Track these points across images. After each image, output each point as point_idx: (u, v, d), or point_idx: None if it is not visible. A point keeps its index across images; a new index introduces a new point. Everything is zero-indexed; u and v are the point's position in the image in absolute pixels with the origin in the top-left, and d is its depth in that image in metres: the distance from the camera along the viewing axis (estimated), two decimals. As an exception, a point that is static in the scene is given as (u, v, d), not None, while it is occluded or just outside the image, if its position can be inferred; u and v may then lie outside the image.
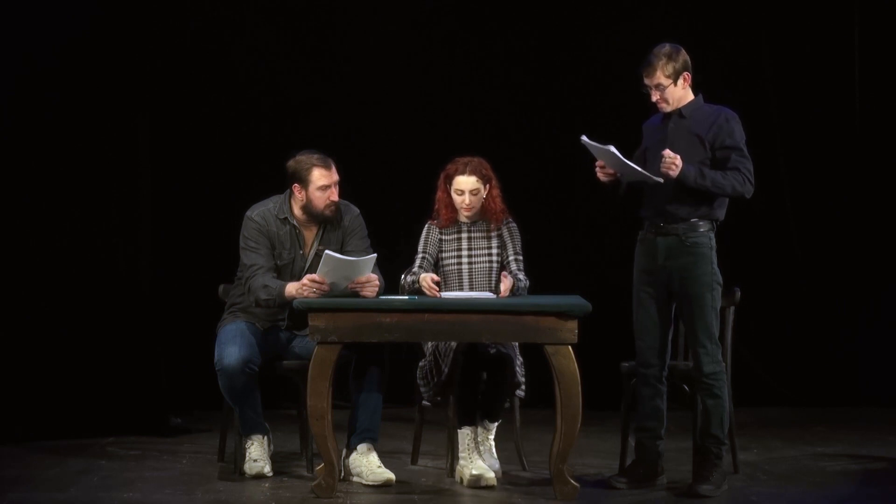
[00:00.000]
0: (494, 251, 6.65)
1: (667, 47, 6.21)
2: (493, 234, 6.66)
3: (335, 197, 6.49)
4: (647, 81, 6.20)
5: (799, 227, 9.06)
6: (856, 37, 8.99)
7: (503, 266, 6.62)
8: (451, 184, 6.58)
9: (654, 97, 6.22)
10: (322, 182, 6.44)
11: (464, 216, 6.63)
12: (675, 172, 6.06)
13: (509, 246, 6.65)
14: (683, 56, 6.21)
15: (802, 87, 9.03)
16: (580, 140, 6.13)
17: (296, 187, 6.47)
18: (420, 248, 6.67)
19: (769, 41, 8.98)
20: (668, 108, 6.24)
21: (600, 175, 6.28)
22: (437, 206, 6.67)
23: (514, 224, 6.70)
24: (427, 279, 6.35)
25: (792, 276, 9.07)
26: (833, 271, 9.06)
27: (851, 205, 9.03)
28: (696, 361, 6.18)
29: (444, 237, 6.66)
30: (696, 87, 6.27)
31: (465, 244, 6.65)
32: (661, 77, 6.17)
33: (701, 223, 6.19)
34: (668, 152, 6.07)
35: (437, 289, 6.36)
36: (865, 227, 9.03)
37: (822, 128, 9.03)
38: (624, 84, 8.80)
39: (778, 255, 9.06)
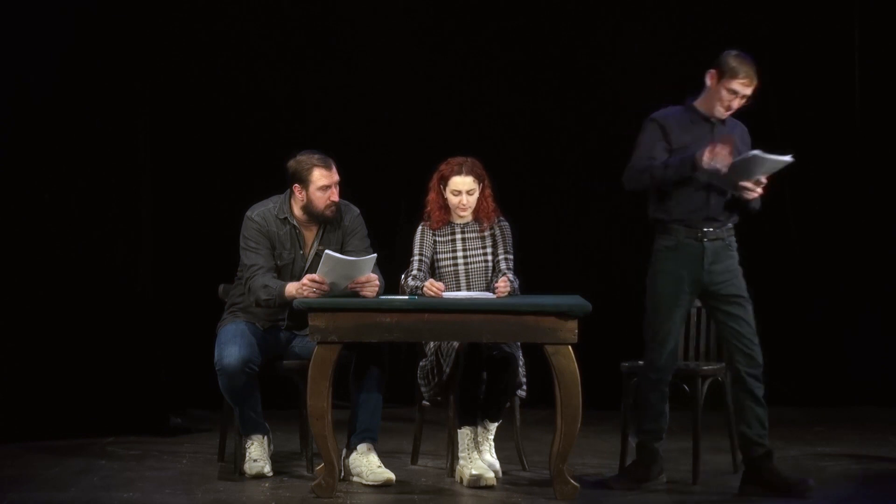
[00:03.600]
0: (489, 250, 6.65)
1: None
2: (486, 233, 6.66)
3: (335, 197, 6.49)
4: (744, 88, 6.05)
5: (799, 227, 9.06)
6: (856, 37, 8.99)
7: (496, 265, 6.64)
8: (446, 185, 6.57)
9: (735, 104, 6.10)
10: (322, 182, 6.44)
11: (460, 216, 6.62)
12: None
13: (500, 245, 6.65)
14: None
15: (802, 87, 9.03)
16: (756, 155, 5.96)
17: (296, 187, 6.47)
18: (416, 250, 6.66)
19: (769, 41, 8.97)
20: (726, 115, 6.16)
21: (717, 161, 5.95)
22: (428, 208, 6.66)
23: (506, 223, 6.70)
24: (433, 288, 6.35)
25: (792, 276, 9.07)
26: (833, 271, 9.05)
27: (851, 205, 9.03)
28: (753, 357, 6.10)
29: (438, 238, 6.66)
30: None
31: (459, 245, 6.65)
32: (755, 87, 6.07)
33: (731, 224, 6.24)
34: (755, 181, 6.04)
35: (441, 290, 6.36)
36: (865, 227, 9.03)
37: (822, 128, 9.03)
38: (624, 84, 8.85)
39: (778, 255, 9.06)
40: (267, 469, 6.47)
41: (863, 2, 8.98)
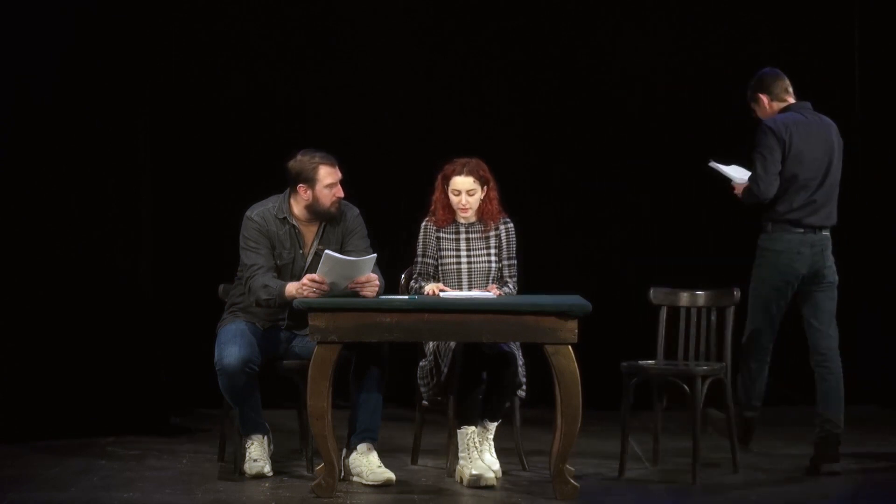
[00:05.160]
0: (493, 251, 6.65)
1: None
2: (490, 234, 6.67)
3: (341, 193, 6.51)
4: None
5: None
6: (856, 37, 8.98)
7: (499, 271, 6.65)
8: (448, 184, 6.59)
9: None
10: (329, 180, 6.45)
11: (461, 217, 6.63)
12: None
13: (504, 250, 6.66)
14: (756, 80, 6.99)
15: (803, 87, 9.01)
16: (709, 165, 6.48)
17: (301, 187, 6.46)
18: (419, 251, 6.67)
19: (769, 41, 8.97)
20: None
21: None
22: (433, 207, 6.68)
23: (511, 225, 6.70)
24: (434, 290, 6.37)
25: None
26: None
27: (851, 205, 9.01)
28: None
29: (441, 235, 6.67)
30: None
31: (463, 245, 6.65)
32: None
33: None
34: None
35: (436, 290, 6.38)
36: (865, 227, 9.03)
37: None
38: (624, 84, 8.85)
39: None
40: (267, 469, 6.47)
41: (863, 2, 8.97)
